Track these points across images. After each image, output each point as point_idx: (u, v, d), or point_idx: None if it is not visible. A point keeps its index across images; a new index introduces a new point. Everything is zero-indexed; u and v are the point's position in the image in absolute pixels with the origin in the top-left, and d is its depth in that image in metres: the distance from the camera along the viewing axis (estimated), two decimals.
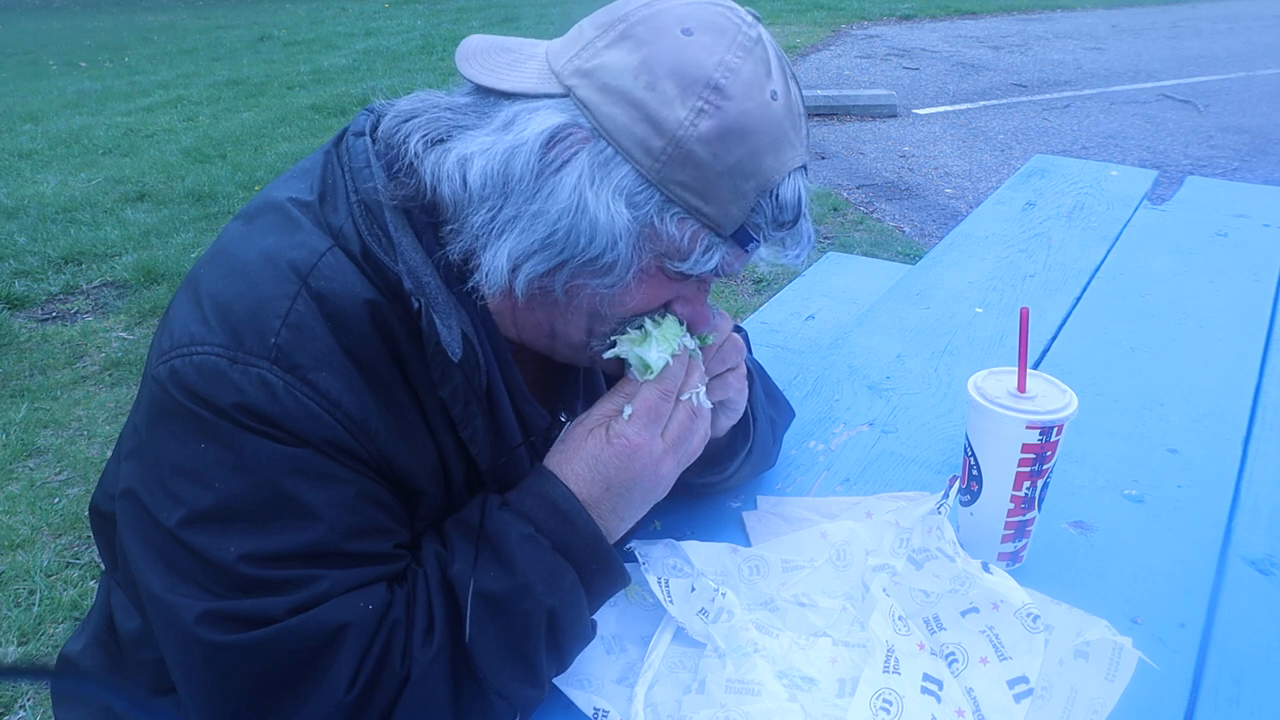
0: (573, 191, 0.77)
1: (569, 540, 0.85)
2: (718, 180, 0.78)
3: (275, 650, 0.76)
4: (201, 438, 0.77)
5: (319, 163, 0.90)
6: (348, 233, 0.83)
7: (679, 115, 0.76)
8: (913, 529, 0.98)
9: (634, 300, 0.85)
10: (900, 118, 7.13)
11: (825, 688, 0.88)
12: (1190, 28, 11.24)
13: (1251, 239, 2.06)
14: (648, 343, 0.88)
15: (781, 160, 0.80)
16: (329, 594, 0.77)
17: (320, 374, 0.78)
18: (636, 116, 0.76)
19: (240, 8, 13.11)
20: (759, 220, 0.81)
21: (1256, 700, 0.90)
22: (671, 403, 0.89)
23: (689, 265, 0.82)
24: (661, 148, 0.77)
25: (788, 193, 0.81)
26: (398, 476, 0.84)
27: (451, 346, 0.81)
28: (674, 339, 0.89)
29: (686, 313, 0.90)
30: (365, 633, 0.78)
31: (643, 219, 0.79)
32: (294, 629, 0.75)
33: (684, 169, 0.77)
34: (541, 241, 0.79)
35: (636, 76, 0.76)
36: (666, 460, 0.89)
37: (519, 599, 0.82)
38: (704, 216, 0.79)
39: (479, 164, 0.78)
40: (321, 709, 0.76)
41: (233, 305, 0.79)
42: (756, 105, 0.77)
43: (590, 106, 0.77)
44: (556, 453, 0.90)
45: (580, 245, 0.78)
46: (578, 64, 0.79)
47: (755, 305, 3.47)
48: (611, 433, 0.87)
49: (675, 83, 0.76)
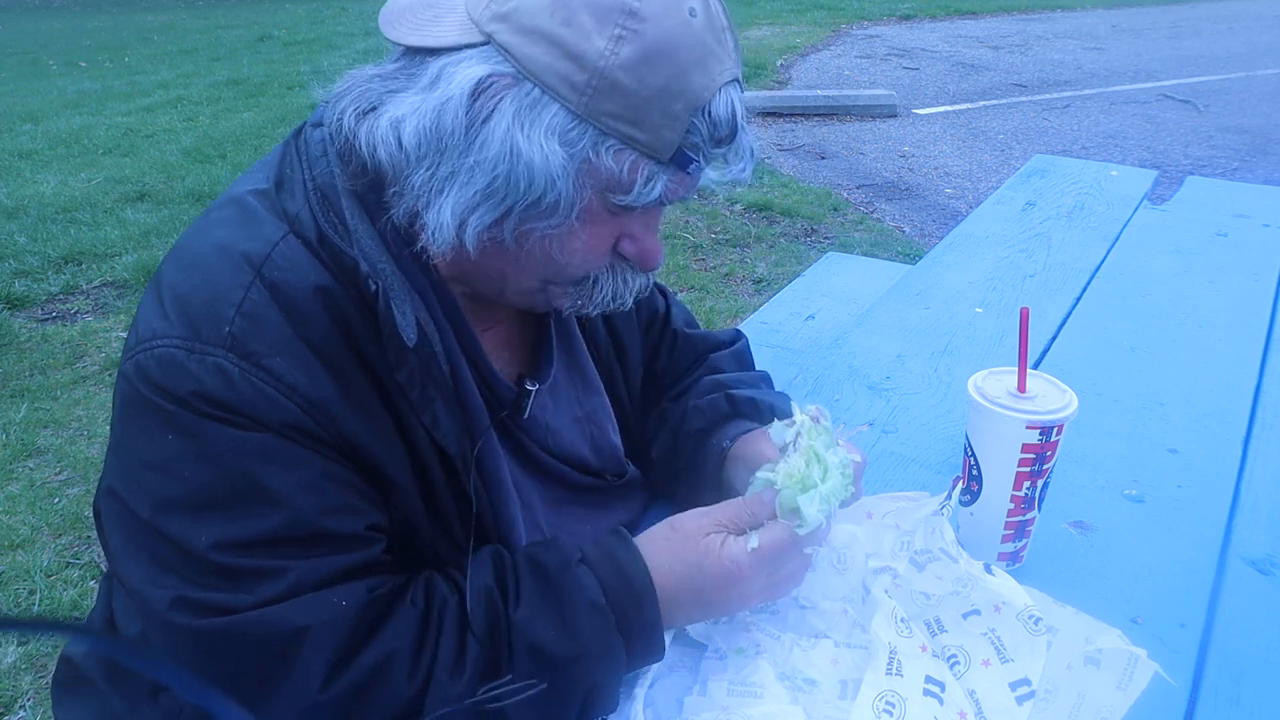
0: (504, 138, 0.77)
1: (632, 623, 0.84)
2: (647, 106, 0.77)
3: (241, 640, 0.76)
4: (168, 429, 0.78)
5: (278, 154, 0.91)
6: (304, 219, 0.84)
7: (598, 46, 0.75)
8: (914, 531, 0.98)
9: (583, 240, 0.84)
10: (900, 118, 7.13)
11: (827, 689, 0.88)
12: (1190, 28, 11.24)
13: (1251, 239, 2.06)
14: (811, 493, 0.85)
15: (710, 77, 0.79)
16: (296, 588, 0.77)
17: (275, 359, 0.79)
18: (557, 54, 0.76)
19: (240, 8, 13.10)
20: (696, 140, 0.80)
21: (1256, 700, 0.90)
22: (797, 554, 0.87)
23: (632, 197, 0.81)
24: (586, 81, 0.76)
25: (720, 108, 0.80)
26: (364, 460, 0.84)
27: (406, 331, 0.81)
28: (839, 495, 0.86)
29: (634, 251, 0.88)
30: (337, 631, 0.77)
31: (578, 155, 0.78)
32: (257, 620, 0.76)
33: (611, 99, 0.77)
34: (483, 193, 0.79)
35: (552, 14, 0.76)
36: (758, 597, 0.87)
37: (570, 666, 0.81)
38: (639, 144, 0.79)
39: (411, 124, 0.79)
40: (294, 703, 0.76)
41: (189, 298, 0.81)
42: (676, 24, 0.77)
43: (511, 50, 0.77)
44: (662, 537, 0.88)
45: (521, 190, 0.78)
46: (494, 9, 0.78)
47: (755, 305, 3.47)
48: (725, 551, 0.84)
49: (590, 14, 0.76)
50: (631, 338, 1.16)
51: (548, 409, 1.03)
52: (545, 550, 0.87)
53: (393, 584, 0.84)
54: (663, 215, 0.91)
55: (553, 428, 1.03)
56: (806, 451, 0.88)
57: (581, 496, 1.08)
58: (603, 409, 1.10)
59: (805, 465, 0.86)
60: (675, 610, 0.86)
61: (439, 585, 0.85)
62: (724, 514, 0.88)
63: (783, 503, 0.85)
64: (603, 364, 1.12)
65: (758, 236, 4.65)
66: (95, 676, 0.98)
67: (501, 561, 0.87)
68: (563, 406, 1.05)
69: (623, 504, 1.13)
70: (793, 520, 0.85)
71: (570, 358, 1.07)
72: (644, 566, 0.85)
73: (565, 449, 1.05)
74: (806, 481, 0.85)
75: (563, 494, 1.06)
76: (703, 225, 4.78)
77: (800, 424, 0.91)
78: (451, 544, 0.91)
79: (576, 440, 1.06)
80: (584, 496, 1.08)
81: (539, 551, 0.87)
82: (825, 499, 0.85)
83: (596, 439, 1.09)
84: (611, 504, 1.11)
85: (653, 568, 0.85)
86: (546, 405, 1.03)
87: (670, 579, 0.85)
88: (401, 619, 0.81)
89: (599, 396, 1.10)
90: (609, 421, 1.11)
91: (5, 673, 2.06)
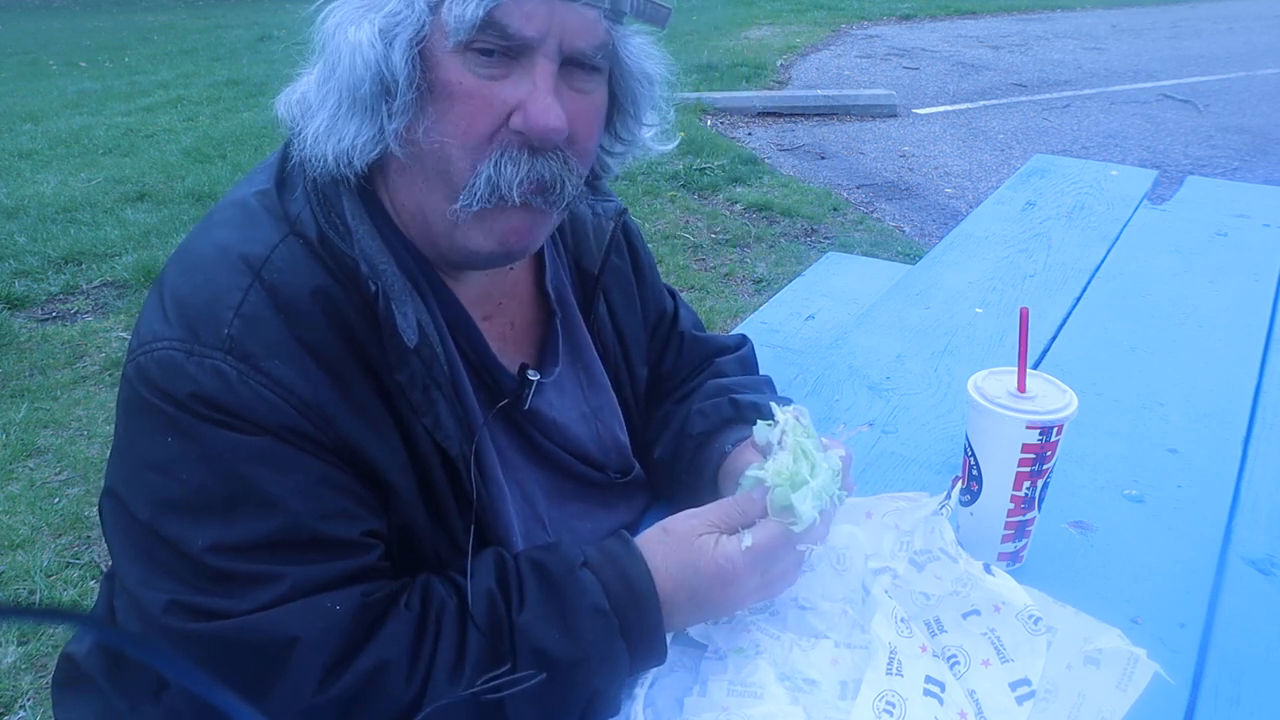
0: (343, 43, 0.82)
1: (634, 628, 0.83)
2: None
3: (235, 645, 0.76)
4: (167, 431, 0.78)
5: (279, 154, 0.91)
6: (305, 219, 0.85)
7: None
8: (914, 531, 0.98)
9: (460, 115, 0.82)
10: (900, 117, 7.13)
11: (827, 690, 0.88)
12: (1190, 28, 11.24)
13: (1251, 239, 2.06)
14: (803, 490, 0.84)
15: None
16: (291, 593, 0.77)
17: (273, 362, 0.79)
18: None
19: (240, 8, 13.10)
20: None
21: (1256, 700, 0.90)
22: (790, 551, 0.87)
23: (454, 27, 0.79)
24: None
25: None
26: (363, 464, 0.83)
27: (407, 332, 0.82)
28: (830, 491, 0.86)
29: (520, 120, 0.82)
30: (332, 636, 0.77)
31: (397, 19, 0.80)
32: (252, 625, 0.75)
33: None
34: (345, 100, 0.82)
35: None
36: (753, 595, 0.87)
37: (573, 670, 0.81)
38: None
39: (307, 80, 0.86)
40: (289, 708, 0.76)
41: (189, 300, 0.81)
42: None
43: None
44: (656, 540, 0.87)
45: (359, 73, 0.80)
46: None
47: (755, 305, 3.47)
48: (719, 551, 0.84)
49: None
50: (637, 335, 1.16)
51: (554, 405, 1.03)
52: (548, 553, 0.87)
53: (388, 589, 0.83)
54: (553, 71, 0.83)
55: (559, 423, 1.03)
56: (794, 448, 0.88)
57: (585, 492, 1.08)
58: (609, 406, 1.10)
59: (793, 462, 0.86)
60: (673, 612, 0.86)
61: (436, 588, 0.85)
62: (716, 514, 0.87)
63: (775, 501, 0.85)
64: (609, 362, 1.12)
65: (758, 236, 4.64)
66: (96, 675, 0.98)
67: (503, 564, 0.86)
68: (569, 403, 1.05)
69: (625, 504, 1.13)
70: (785, 518, 0.85)
71: (576, 355, 1.07)
72: (646, 570, 0.85)
73: (571, 444, 1.05)
74: (796, 478, 0.85)
75: (566, 488, 1.06)
76: (703, 225, 4.78)
77: (784, 423, 0.91)
78: (452, 546, 0.91)
79: (583, 436, 1.06)
80: (587, 492, 1.08)
81: (541, 554, 0.87)
82: (817, 495, 0.85)
83: (602, 435, 1.09)
84: (614, 503, 1.11)
85: (651, 570, 0.85)
86: (552, 402, 1.03)
87: (668, 581, 0.85)
88: (397, 623, 0.80)
89: (605, 394, 1.10)
90: (615, 419, 1.11)
91: (5, 672, 2.06)
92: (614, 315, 1.12)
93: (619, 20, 0.88)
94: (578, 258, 1.09)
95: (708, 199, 5.16)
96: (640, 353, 1.16)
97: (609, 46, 0.87)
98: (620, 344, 1.13)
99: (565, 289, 1.08)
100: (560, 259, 1.09)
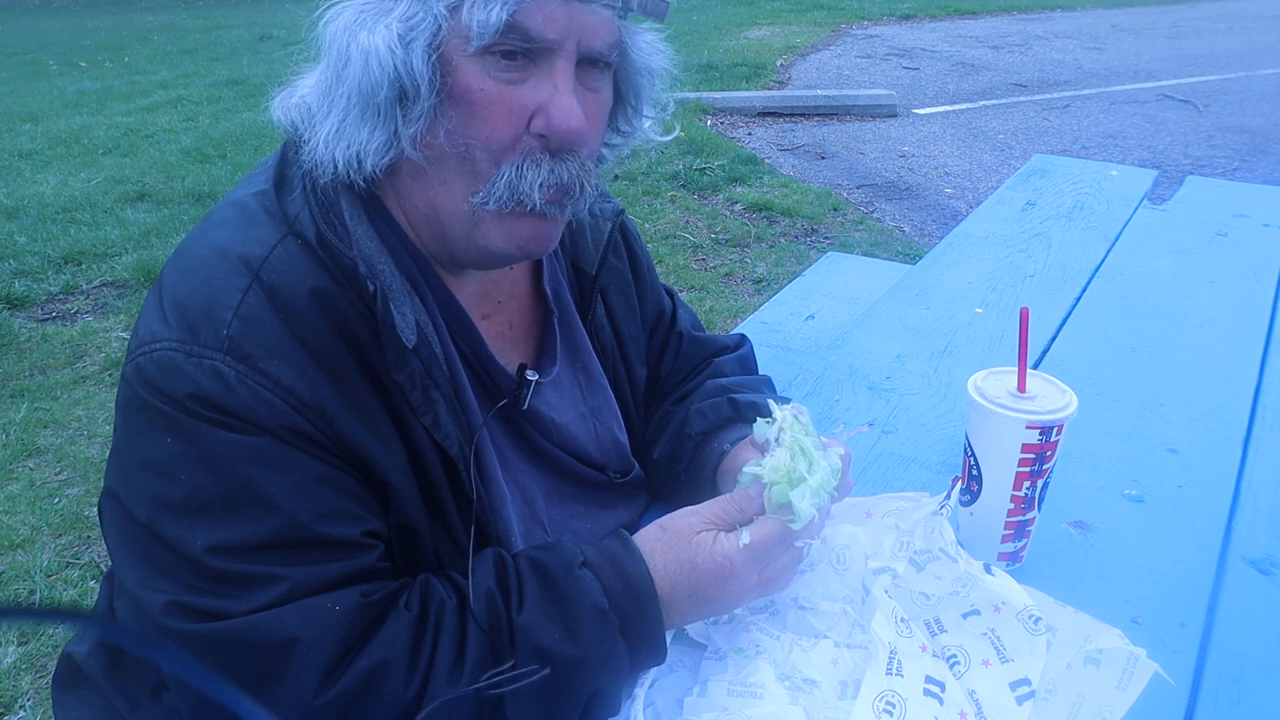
0: (355, 47, 0.81)
1: (635, 626, 0.83)
2: None
3: (234, 646, 0.75)
4: (166, 432, 0.78)
5: (278, 155, 0.91)
6: (303, 220, 0.85)
7: None
8: (914, 531, 0.98)
9: (483, 120, 0.82)
10: (900, 118, 7.13)
11: (827, 690, 0.88)
12: (1190, 28, 11.24)
13: (1251, 239, 2.06)
14: (801, 487, 0.84)
15: None
16: (290, 594, 0.77)
17: (272, 363, 0.79)
18: None
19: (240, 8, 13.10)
20: None
21: (1256, 700, 0.90)
22: (788, 548, 0.86)
23: (477, 32, 0.79)
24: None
25: None
26: (362, 465, 0.83)
27: (405, 332, 0.82)
28: (828, 488, 0.85)
29: (543, 122, 0.83)
30: (331, 637, 0.77)
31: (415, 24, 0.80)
32: (251, 626, 0.75)
33: None
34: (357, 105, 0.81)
35: None
36: (752, 593, 0.87)
37: (574, 669, 0.80)
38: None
39: (306, 84, 0.86)
40: (289, 708, 0.76)
41: (188, 301, 0.81)
42: None
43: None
44: (654, 538, 0.87)
45: (375, 79, 0.80)
46: None
47: (755, 305, 3.48)
48: (717, 548, 0.84)
49: None
50: (635, 335, 1.16)
51: (552, 405, 1.03)
52: (547, 553, 0.87)
53: (388, 589, 0.83)
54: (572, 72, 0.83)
55: (558, 423, 1.03)
56: (792, 446, 0.87)
57: (584, 492, 1.08)
58: (607, 406, 1.10)
59: (791, 459, 0.86)
60: (673, 610, 0.86)
61: (436, 588, 0.85)
62: (713, 511, 0.87)
63: (773, 498, 0.85)
64: (607, 362, 1.12)
65: (758, 236, 4.65)
66: (96, 675, 0.98)
67: (503, 564, 0.86)
68: (567, 403, 1.05)
69: (624, 504, 1.13)
70: (784, 515, 0.85)
71: (575, 355, 1.07)
72: (645, 569, 0.85)
73: (570, 443, 1.05)
74: (794, 476, 0.85)
75: (566, 488, 1.06)
76: (703, 225, 4.78)
77: (781, 420, 0.91)
78: (452, 546, 0.91)
79: (581, 436, 1.06)
80: (586, 492, 1.08)
81: (541, 554, 0.87)
82: (815, 492, 0.85)
83: (601, 435, 1.09)
84: (613, 503, 1.11)
85: (650, 568, 0.85)
86: (551, 402, 1.03)
87: (666, 579, 0.85)
88: (397, 623, 0.80)
89: (604, 394, 1.10)
90: (614, 419, 1.11)
91: (5, 673, 2.06)
92: (612, 316, 1.12)
93: (625, 16, 0.88)
94: (575, 258, 1.09)
95: (708, 199, 5.16)
96: (639, 353, 1.16)
97: (621, 44, 0.88)
98: (618, 344, 1.13)
99: (563, 289, 1.08)
100: (558, 260, 1.09)
